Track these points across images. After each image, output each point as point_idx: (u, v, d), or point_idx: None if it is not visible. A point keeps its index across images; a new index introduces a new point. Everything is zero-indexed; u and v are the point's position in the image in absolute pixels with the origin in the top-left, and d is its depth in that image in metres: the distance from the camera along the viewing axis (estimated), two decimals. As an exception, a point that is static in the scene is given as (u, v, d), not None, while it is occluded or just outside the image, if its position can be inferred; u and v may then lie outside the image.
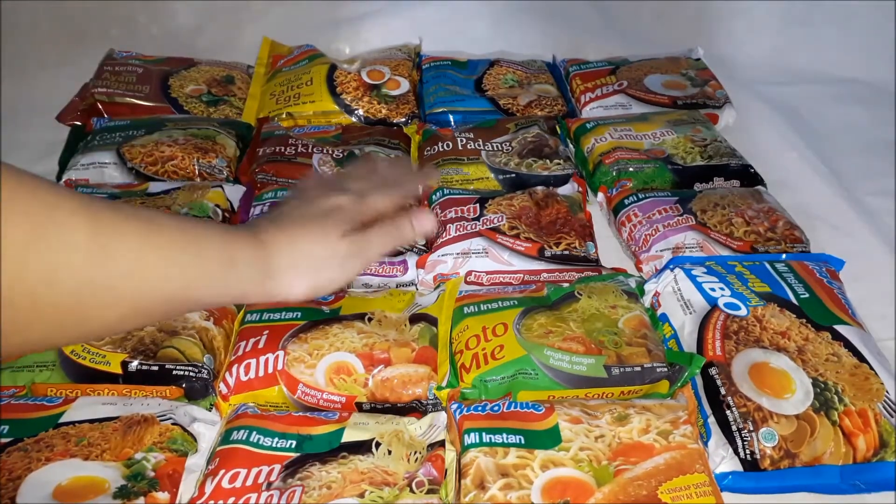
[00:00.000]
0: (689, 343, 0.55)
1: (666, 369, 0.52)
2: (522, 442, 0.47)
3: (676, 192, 0.70)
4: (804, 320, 0.55)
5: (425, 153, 0.78)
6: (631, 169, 0.74)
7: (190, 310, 0.42)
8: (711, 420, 0.50)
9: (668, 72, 0.91)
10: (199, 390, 0.53)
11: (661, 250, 0.65)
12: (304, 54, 0.92)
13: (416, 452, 0.47)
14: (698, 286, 0.58)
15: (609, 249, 0.69)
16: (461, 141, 0.78)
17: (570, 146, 0.82)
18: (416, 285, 0.65)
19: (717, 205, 0.68)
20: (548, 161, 0.75)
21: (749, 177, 0.74)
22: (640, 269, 0.66)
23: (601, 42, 1.01)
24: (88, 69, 0.87)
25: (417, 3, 1.03)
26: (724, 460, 0.48)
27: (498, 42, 1.01)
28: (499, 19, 1.05)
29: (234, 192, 0.71)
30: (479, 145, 0.77)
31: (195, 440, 0.49)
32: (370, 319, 0.56)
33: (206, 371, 0.53)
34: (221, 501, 0.44)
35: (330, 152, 0.75)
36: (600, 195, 0.74)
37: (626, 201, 0.70)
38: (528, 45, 1.00)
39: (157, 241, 0.32)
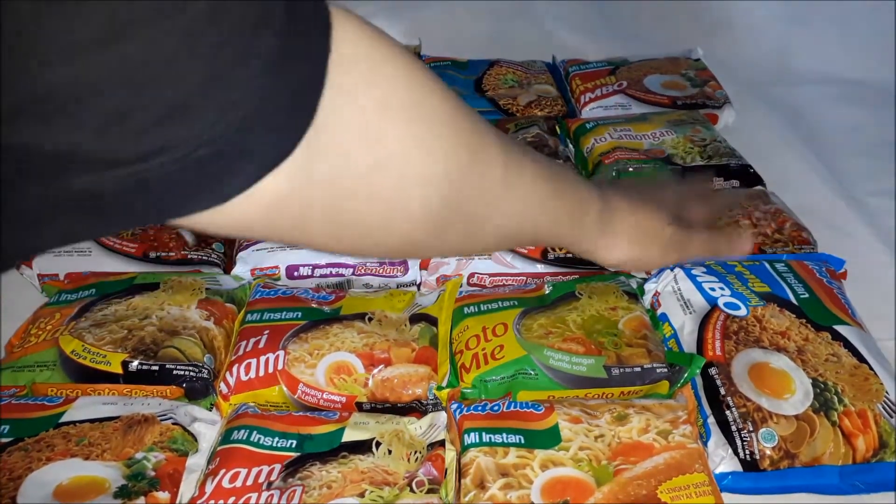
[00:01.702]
0: (688, 343, 0.55)
1: (666, 370, 0.52)
2: (522, 441, 0.47)
3: None
4: (804, 320, 0.55)
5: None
6: (630, 169, 0.74)
7: (529, 243, 0.47)
8: (711, 420, 0.50)
9: (668, 72, 0.91)
10: (199, 390, 0.53)
11: (665, 251, 0.65)
12: (304, 54, 0.92)
13: (416, 452, 0.47)
14: (698, 286, 0.58)
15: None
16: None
17: (570, 146, 0.82)
18: (418, 286, 0.65)
19: (723, 206, 0.68)
20: (548, 161, 0.75)
21: (749, 177, 0.74)
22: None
23: (601, 42, 1.01)
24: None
25: (417, 4, 1.03)
26: (723, 460, 0.48)
27: (498, 42, 1.01)
28: (499, 19, 1.05)
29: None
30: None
31: (195, 440, 0.49)
32: (370, 319, 0.56)
33: (206, 371, 0.53)
34: (222, 501, 0.45)
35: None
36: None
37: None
38: (528, 45, 1.00)
39: (543, 183, 0.35)
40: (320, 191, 0.25)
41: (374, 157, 0.25)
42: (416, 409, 0.52)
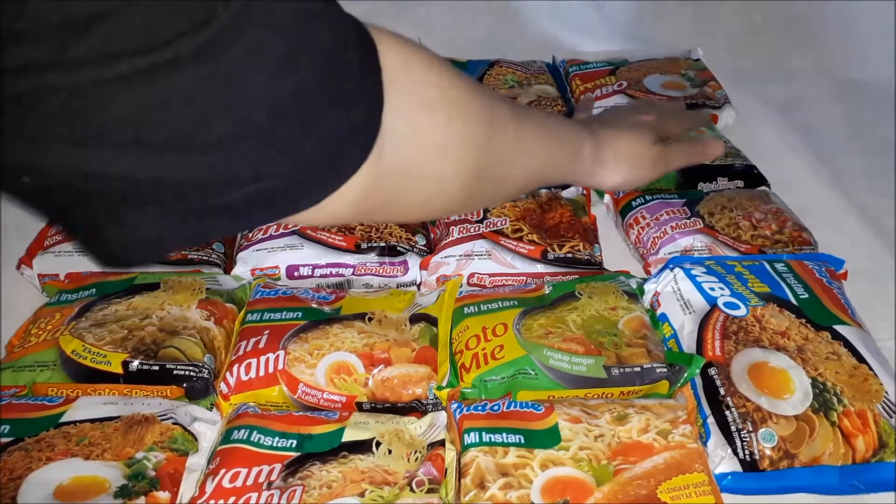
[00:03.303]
0: (688, 343, 0.55)
1: (665, 370, 0.53)
2: (522, 441, 0.47)
3: (684, 194, 0.70)
4: (804, 320, 0.55)
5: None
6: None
7: (546, 184, 0.56)
8: (710, 420, 0.50)
9: (668, 72, 0.91)
10: (199, 390, 0.53)
11: (669, 253, 0.65)
12: (304, 54, 0.92)
13: (416, 452, 0.48)
14: (698, 286, 0.58)
15: (615, 251, 0.69)
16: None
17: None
18: (418, 286, 0.65)
19: (724, 207, 0.68)
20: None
21: (753, 177, 0.74)
22: (648, 273, 0.66)
23: (601, 42, 1.02)
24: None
25: (417, 3, 1.03)
26: (722, 461, 0.48)
27: (498, 42, 1.01)
28: (499, 19, 1.05)
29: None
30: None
31: (196, 440, 0.49)
32: (370, 319, 0.57)
33: (206, 371, 0.53)
34: (222, 501, 0.45)
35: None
36: (607, 197, 0.74)
37: (634, 203, 0.70)
38: (528, 45, 1.00)
39: (544, 135, 0.43)
40: (388, 182, 0.32)
41: (421, 149, 0.33)
42: (416, 408, 0.52)
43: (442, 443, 0.49)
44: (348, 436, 0.48)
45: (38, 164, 0.22)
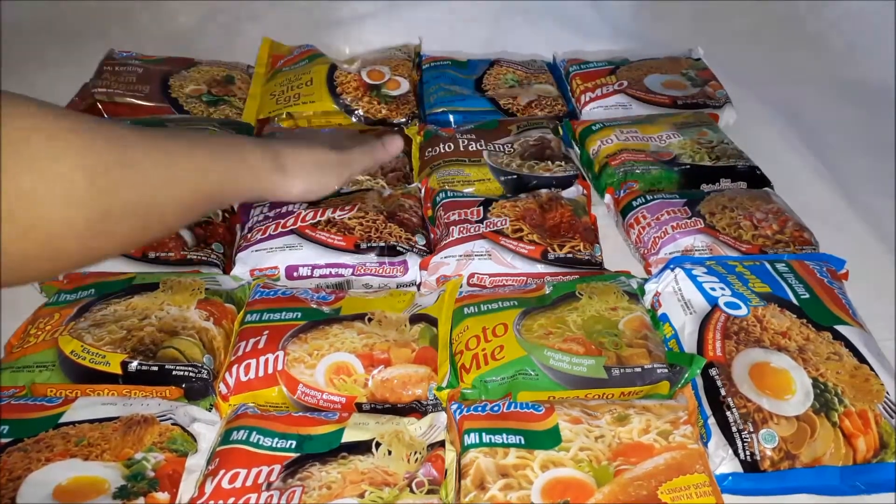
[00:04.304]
0: (689, 343, 0.55)
1: (666, 370, 0.52)
2: (522, 442, 0.47)
3: (685, 194, 0.70)
4: (805, 320, 0.55)
5: (426, 154, 0.78)
6: (637, 171, 0.74)
7: (223, 204, 0.51)
8: (711, 421, 0.50)
9: (669, 72, 0.91)
10: (198, 390, 0.53)
11: (670, 253, 0.65)
12: (304, 54, 0.92)
13: (416, 453, 0.47)
14: (699, 286, 0.58)
15: (615, 251, 0.69)
16: (463, 142, 0.78)
17: (576, 148, 0.82)
18: (418, 286, 0.65)
19: (725, 207, 0.68)
20: (549, 163, 0.75)
21: (756, 178, 0.74)
22: (649, 273, 0.66)
23: (601, 42, 1.02)
24: (88, 69, 0.87)
25: (418, 3, 1.03)
26: (723, 461, 0.48)
27: (498, 42, 1.01)
28: (499, 19, 1.05)
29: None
30: (480, 146, 0.77)
31: (195, 440, 0.49)
32: (370, 320, 0.56)
33: (205, 371, 0.53)
34: (221, 501, 0.45)
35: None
36: (608, 197, 0.73)
37: (635, 203, 0.69)
38: (528, 45, 1.00)
39: (196, 155, 0.42)
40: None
41: (39, 205, 0.31)
42: (416, 409, 0.52)
43: (442, 444, 0.48)
44: (348, 436, 0.48)
45: None
